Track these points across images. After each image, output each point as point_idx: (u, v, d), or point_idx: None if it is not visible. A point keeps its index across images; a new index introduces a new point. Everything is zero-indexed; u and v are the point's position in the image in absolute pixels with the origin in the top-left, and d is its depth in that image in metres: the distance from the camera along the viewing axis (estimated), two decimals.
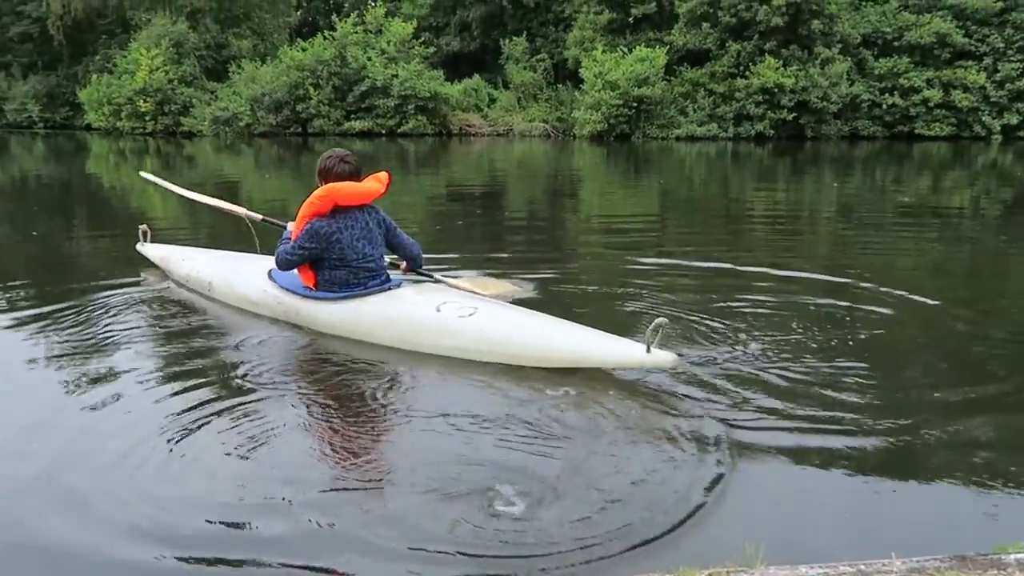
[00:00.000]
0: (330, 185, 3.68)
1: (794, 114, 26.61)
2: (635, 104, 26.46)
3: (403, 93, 28.51)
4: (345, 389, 3.24)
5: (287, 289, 3.98)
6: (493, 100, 32.35)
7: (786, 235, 7.91)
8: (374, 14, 31.38)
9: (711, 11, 27.19)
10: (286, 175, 15.52)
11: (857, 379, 3.28)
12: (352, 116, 29.23)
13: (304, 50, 29.59)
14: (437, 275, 4.31)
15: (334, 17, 31.41)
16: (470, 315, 3.51)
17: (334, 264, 3.73)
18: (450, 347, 3.48)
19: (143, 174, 5.93)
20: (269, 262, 4.07)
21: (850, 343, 3.77)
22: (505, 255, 6.15)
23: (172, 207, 9.32)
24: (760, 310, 4.39)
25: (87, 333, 3.90)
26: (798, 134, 27.22)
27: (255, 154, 20.99)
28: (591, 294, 4.84)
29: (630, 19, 29.96)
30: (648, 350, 3.07)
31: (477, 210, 10.07)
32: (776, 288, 4.95)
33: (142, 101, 29.93)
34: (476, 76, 32.87)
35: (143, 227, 5.51)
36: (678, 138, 27.03)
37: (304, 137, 28.40)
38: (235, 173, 16.12)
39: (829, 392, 3.13)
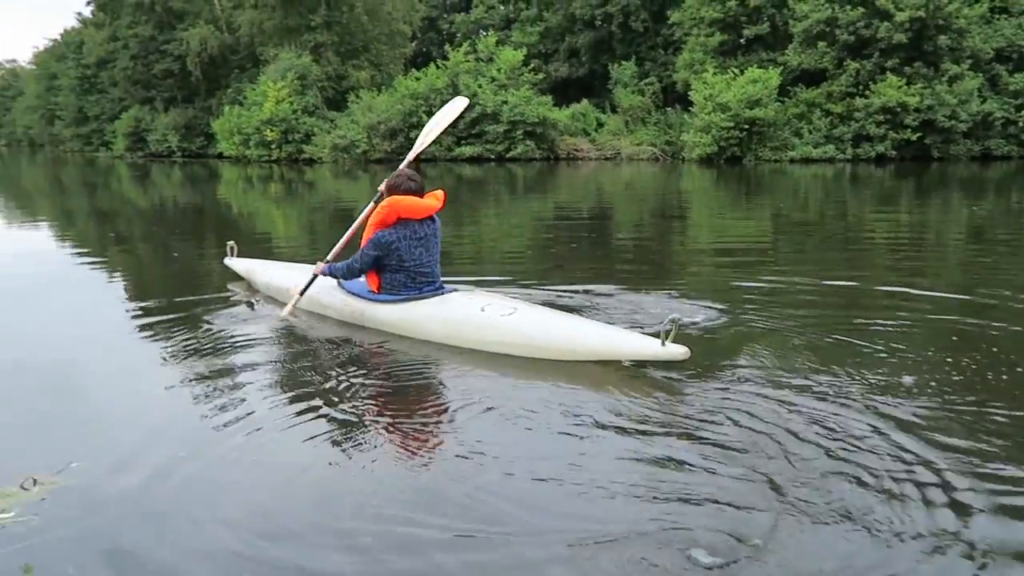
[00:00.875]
0: (395, 198, 4.14)
1: (919, 134, 25.29)
2: (747, 126, 25.87)
3: (512, 119, 29.04)
4: (423, 394, 3.33)
5: (354, 293, 4.44)
6: (601, 124, 32.44)
7: (911, 258, 7.50)
8: (485, 43, 32.19)
9: (828, 30, 26.31)
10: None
11: (996, 408, 3.07)
12: (462, 142, 29.98)
13: (418, 79, 30.69)
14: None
15: (447, 47, 32.46)
16: (510, 314, 3.87)
17: (393, 268, 4.18)
18: (492, 342, 3.85)
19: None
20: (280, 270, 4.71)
21: (987, 369, 3.54)
22: (614, 275, 6.13)
23: (292, 227, 9.83)
24: (889, 330, 4.20)
25: (199, 341, 4.17)
26: (923, 155, 25.81)
27: (370, 179, 21.84)
28: (700, 309, 4.74)
29: (742, 40, 29.45)
30: (663, 344, 3.35)
31: (585, 232, 10.08)
32: (903, 308, 4.71)
33: (268, 130, 31.80)
34: (584, 101, 33.09)
35: (230, 243, 5.94)
36: (792, 160, 26.18)
37: (417, 163, 29.29)
38: (351, 197, 16.82)
39: (976, 423, 2.94)
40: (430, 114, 28.86)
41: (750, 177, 20.92)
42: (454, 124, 6.66)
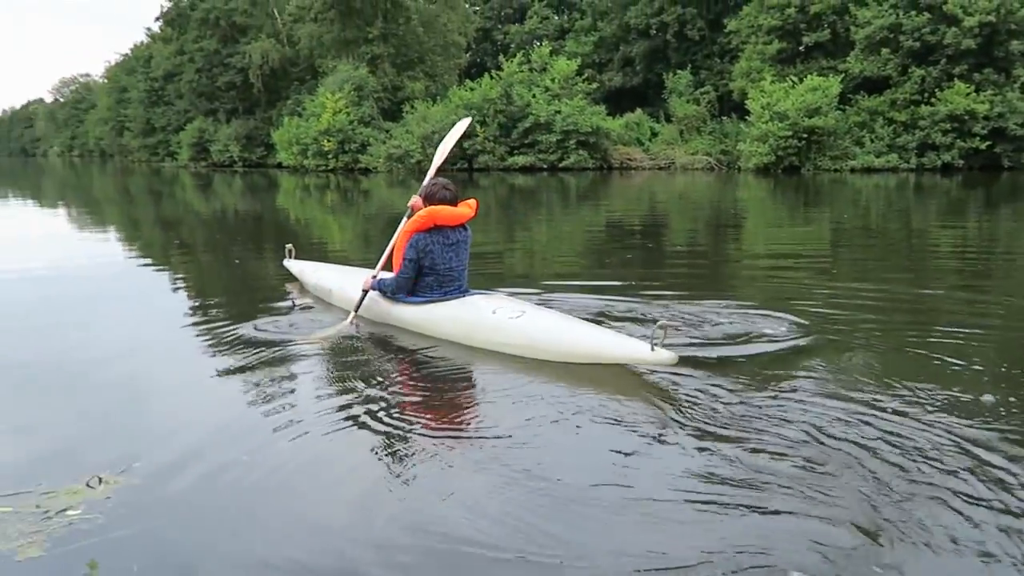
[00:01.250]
0: (432, 207, 4.42)
1: (988, 143, 24.38)
2: (805, 135, 25.34)
3: (565, 128, 29.05)
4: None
5: (393, 297, 4.65)
6: (655, 134, 32.21)
7: (980, 270, 7.21)
8: (539, 53, 32.33)
9: (891, 36, 25.63)
10: None
11: None
12: (515, 152, 30.10)
13: (472, 90, 30.96)
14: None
15: (501, 57, 32.67)
16: (517, 317, 4.06)
17: (425, 271, 4.43)
18: (498, 343, 4.04)
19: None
20: (360, 275, 4.99)
21: None
22: (668, 283, 6.05)
23: (347, 234, 9.99)
24: (959, 343, 4.05)
25: (256, 346, 4.25)
26: (993, 164, 24.90)
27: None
28: (756, 317, 4.63)
29: (801, 48, 28.93)
30: (652, 348, 3.41)
31: (637, 241, 9.99)
32: (973, 321, 4.53)
33: (326, 141, 32.43)
34: (638, 110, 32.93)
35: (289, 246, 6.24)
36: (853, 170, 25.53)
37: (469, 172, 29.54)
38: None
39: None
40: (483, 123, 29.47)
41: (808, 187, 20.47)
42: (459, 143, 7.10)
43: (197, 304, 5.82)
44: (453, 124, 5.95)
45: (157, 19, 47.46)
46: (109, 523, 2.31)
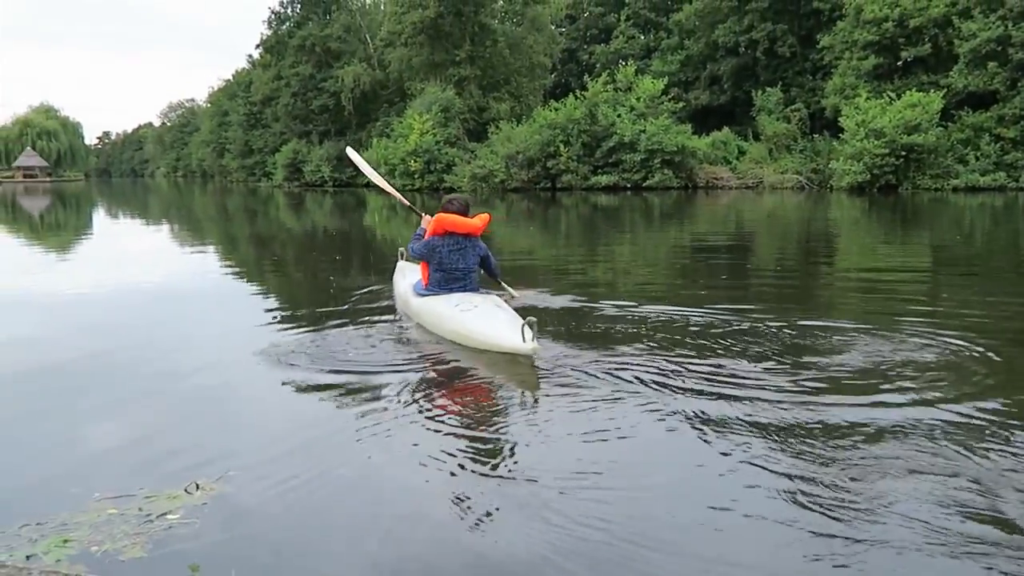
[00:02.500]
0: (440, 215, 5.23)
1: None
2: (903, 153, 24.31)
3: (650, 148, 28.80)
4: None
5: (414, 289, 5.47)
6: (743, 152, 31.57)
7: None
8: (625, 72, 32.25)
9: (999, 49, 24.37)
10: (535, 227, 16.26)
11: None
12: (599, 171, 30.04)
13: (556, 110, 31.13)
14: (504, 285, 5.94)
15: (586, 77, 32.76)
16: (468, 310, 4.73)
17: (435, 268, 5.25)
18: (446, 330, 4.81)
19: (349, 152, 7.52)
20: (416, 275, 5.70)
21: None
22: (754, 305, 5.88)
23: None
24: None
25: (346, 361, 4.36)
26: None
27: (507, 208, 22.28)
28: (841, 342, 4.44)
29: (899, 63, 27.88)
30: (524, 340, 4.15)
31: (723, 261, 9.77)
32: None
33: (413, 161, 33.22)
34: (725, 129, 32.38)
35: (401, 249, 6.60)
36: (955, 189, 24.31)
37: (552, 192, 29.63)
38: (489, 226, 17.20)
39: None
40: (567, 143, 29.58)
41: (907, 206, 19.60)
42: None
43: (289, 318, 6.02)
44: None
45: (258, 46, 49.96)
46: (206, 528, 2.40)
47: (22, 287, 7.72)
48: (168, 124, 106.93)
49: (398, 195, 6.86)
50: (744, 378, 3.84)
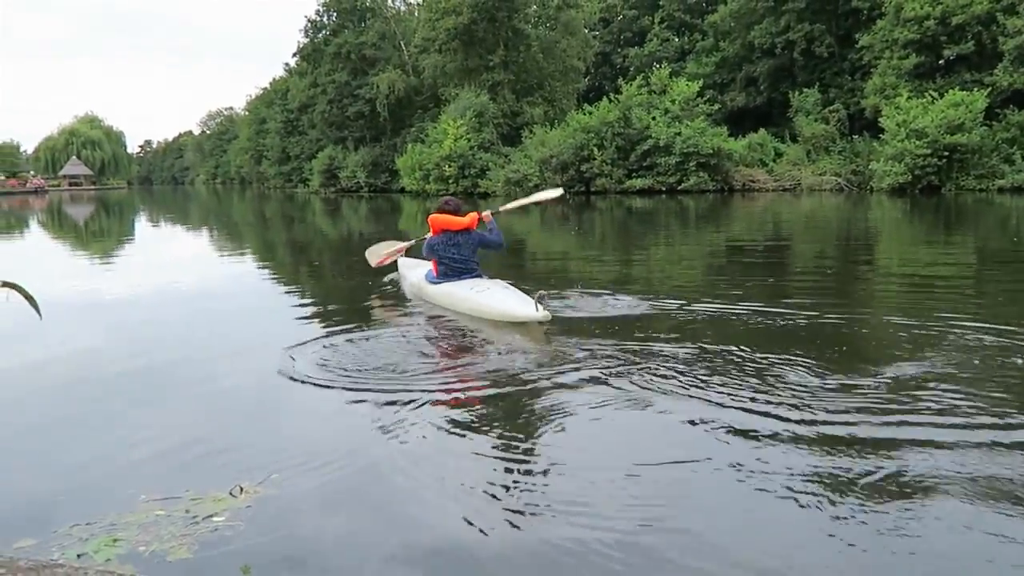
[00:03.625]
0: (434, 216, 6.30)
1: None
2: (946, 153, 23.77)
3: (685, 150, 28.56)
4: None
5: (426, 279, 6.54)
6: (780, 154, 31.16)
7: None
8: (659, 75, 32.04)
9: None
10: (568, 231, 16.23)
11: None
12: (633, 174, 29.88)
13: (590, 113, 31.03)
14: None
15: (620, 81, 32.62)
16: (483, 292, 5.79)
17: (442, 261, 6.30)
18: (463, 308, 5.85)
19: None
20: (427, 267, 6.71)
21: None
22: (795, 307, 5.79)
23: None
24: None
25: (383, 364, 4.40)
26: None
27: (541, 212, 22.26)
28: (884, 346, 4.35)
29: (941, 61, 27.29)
30: (536, 310, 5.15)
31: (760, 263, 9.65)
32: None
33: (447, 166, 33.39)
34: (761, 130, 31.98)
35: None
36: (1001, 190, 23.68)
37: (587, 196, 29.55)
38: (523, 230, 17.21)
39: None
40: (601, 147, 29.51)
41: (950, 208, 19.16)
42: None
43: (328, 321, 6.07)
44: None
45: (294, 55, 50.63)
46: (251, 530, 2.44)
47: (67, 292, 7.91)
48: (207, 132, 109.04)
49: (399, 247, 7.88)
50: (786, 382, 3.78)
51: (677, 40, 42.93)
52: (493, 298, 5.62)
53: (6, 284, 1.09)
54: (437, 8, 37.23)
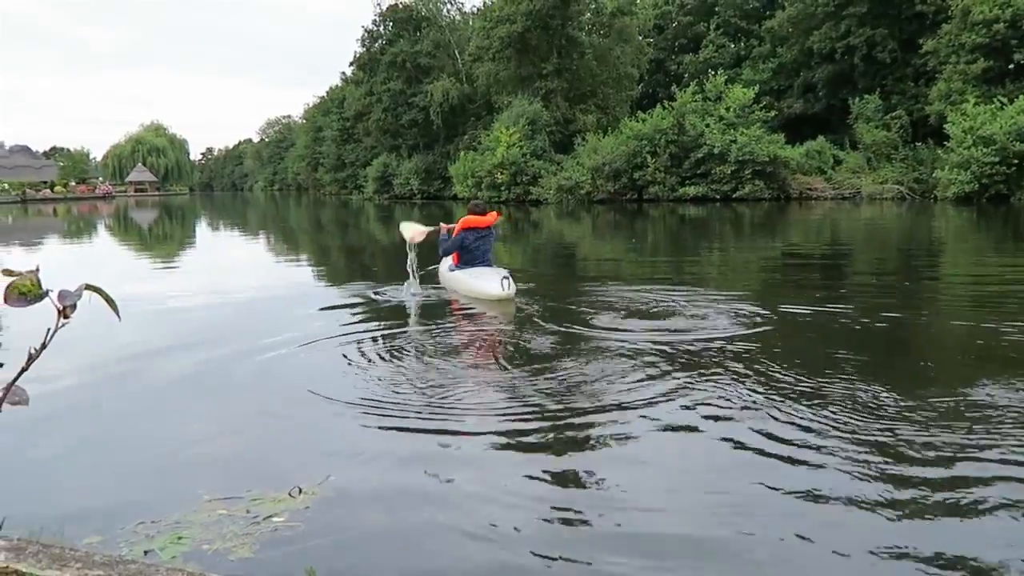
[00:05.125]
0: (467, 217, 7.91)
1: None
2: (1016, 161, 22.88)
3: (740, 158, 28.13)
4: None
5: (448, 269, 8.11)
6: (839, 162, 30.45)
7: None
8: (714, 82, 31.65)
9: None
10: (621, 238, 16.11)
11: None
12: (687, 182, 29.55)
13: (644, 121, 30.81)
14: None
15: (674, 87, 32.31)
16: (476, 277, 7.46)
17: (463, 253, 7.87)
18: (461, 289, 7.65)
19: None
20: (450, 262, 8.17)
21: None
22: (851, 314, 5.63)
23: (516, 261, 10.22)
24: None
25: (434, 370, 4.43)
26: None
27: (592, 220, 22.18)
28: (946, 359, 4.20)
29: (1011, 66, 26.30)
30: (503, 289, 7.01)
31: (817, 274, 9.42)
32: None
33: (499, 173, 33.53)
34: (820, 138, 31.30)
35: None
36: None
37: (639, 203, 29.33)
38: (574, 236, 17.17)
39: None
40: (654, 154, 29.23)
41: (1019, 217, 18.44)
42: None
43: (383, 327, 6.15)
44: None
45: (351, 64, 51.57)
46: (310, 531, 2.48)
47: (133, 294, 8.18)
48: (266, 140, 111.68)
49: (426, 230, 8.70)
50: (845, 391, 3.68)
51: (733, 46, 42.34)
52: (478, 280, 7.42)
53: (88, 287, 1.12)
54: (491, 17, 37.49)
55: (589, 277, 9.55)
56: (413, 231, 8.64)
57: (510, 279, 7.10)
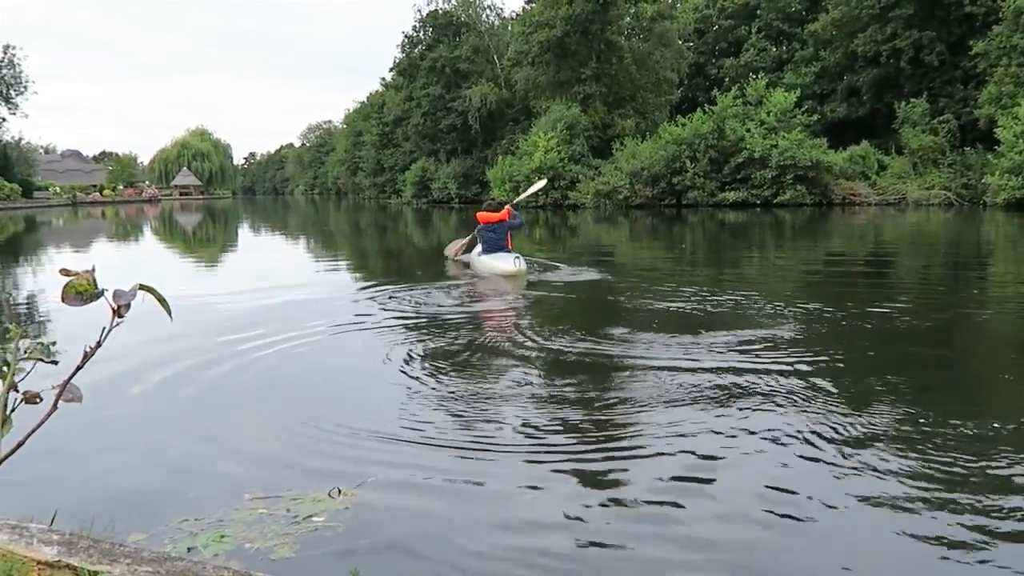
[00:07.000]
0: (480, 213, 10.27)
1: None
2: None
3: (782, 163, 27.71)
4: None
5: (476, 255, 10.12)
6: (883, 167, 29.83)
7: None
8: (755, 86, 31.26)
9: None
10: (659, 244, 15.99)
11: None
12: (726, 187, 29.22)
13: (683, 125, 30.53)
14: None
15: (714, 92, 31.99)
16: (495, 260, 9.52)
17: (483, 242, 10.02)
18: (484, 269, 9.66)
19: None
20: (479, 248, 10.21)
21: None
22: (904, 321, 5.50)
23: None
24: None
25: (469, 374, 4.43)
26: None
27: (630, 225, 22.05)
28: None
29: None
30: (514, 265, 9.19)
31: (860, 282, 9.24)
32: None
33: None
34: (864, 142, 30.71)
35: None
36: None
37: (678, 208, 29.07)
38: (610, 241, 17.09)
39: None
40: (694, 159, 28.99)
41: None
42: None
43: (423, 330, 6.18)
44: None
45: (391, 69, 52.08)
46: (350, 532, 2.50)
47: (178, 294, 8.34)
48: (307, 144, 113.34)
49: (459, 243, 11.45)
50: (893, 402, 3.60)
51: (775, 50, 41.78)
52: (496, 261, 9.50)
53: (142, 287, 1.14)
54: (530, 22, 37.56)
55: (630, 281, 9.48)
56: (452, 250, 11.44)
57: (521, 259, 9.22)
